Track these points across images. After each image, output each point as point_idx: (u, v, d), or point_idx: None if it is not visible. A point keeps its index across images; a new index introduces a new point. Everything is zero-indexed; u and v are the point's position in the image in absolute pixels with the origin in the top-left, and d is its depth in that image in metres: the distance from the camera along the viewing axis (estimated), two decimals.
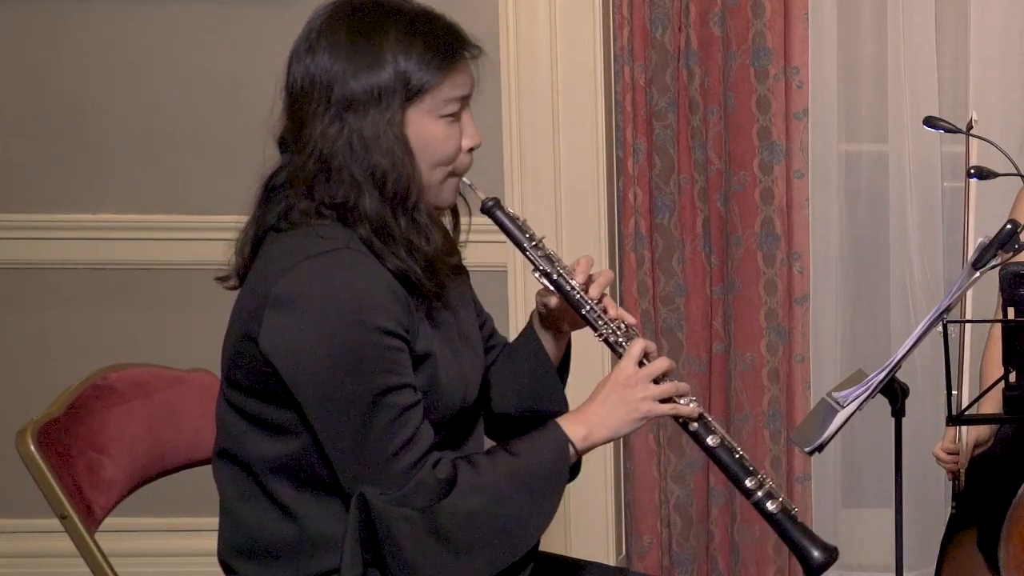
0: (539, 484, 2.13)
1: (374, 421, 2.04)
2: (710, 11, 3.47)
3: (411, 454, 2.05)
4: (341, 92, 2.05)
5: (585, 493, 3.52)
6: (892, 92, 3.51)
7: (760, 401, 3.59)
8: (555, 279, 2.22)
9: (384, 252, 2.06)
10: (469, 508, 2.07)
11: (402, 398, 2.05)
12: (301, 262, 2.03)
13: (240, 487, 2.17)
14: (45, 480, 2.23)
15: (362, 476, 2.05)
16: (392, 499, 2.05)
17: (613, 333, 2.22)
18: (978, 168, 2.76)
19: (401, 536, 2.05)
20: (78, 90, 3.52)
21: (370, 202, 2.06)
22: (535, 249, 2.22)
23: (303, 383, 2.04)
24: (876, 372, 2.37)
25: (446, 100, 2.09)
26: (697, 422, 2.21)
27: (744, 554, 3.63)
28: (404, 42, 2.06)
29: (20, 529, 3.62)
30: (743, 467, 2.20)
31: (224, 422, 2.18)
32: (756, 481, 2.19)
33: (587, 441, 2.17)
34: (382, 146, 2.05)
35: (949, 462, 2.81)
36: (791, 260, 3.55)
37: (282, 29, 3.43)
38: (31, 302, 3.60)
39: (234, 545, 2.21)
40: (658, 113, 3.52)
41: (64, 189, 3.55)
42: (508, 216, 2.23)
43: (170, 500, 3.14)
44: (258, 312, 2.05)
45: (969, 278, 2.28)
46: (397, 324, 2.05)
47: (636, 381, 2.18)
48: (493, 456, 2.14)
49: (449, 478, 2.07)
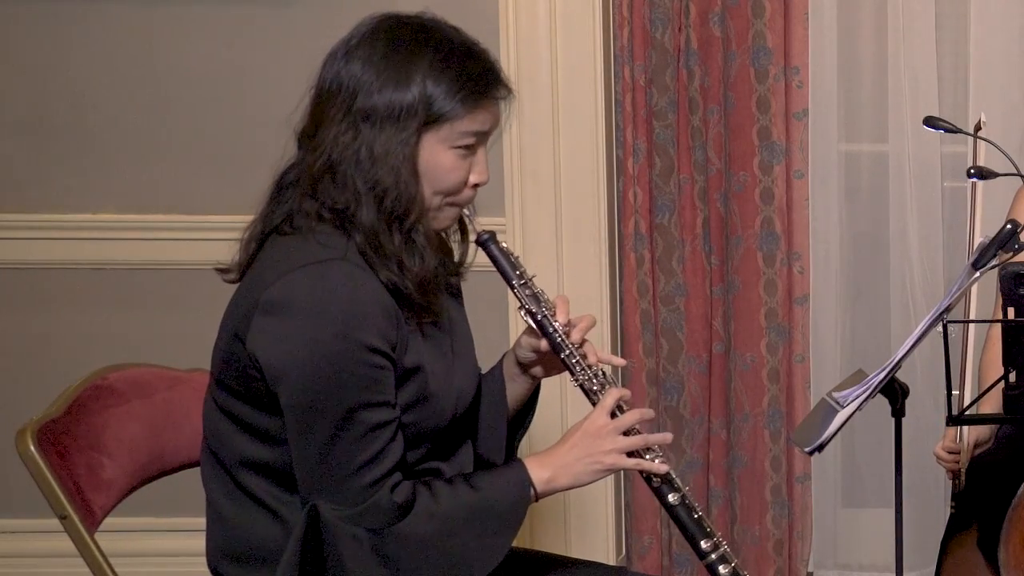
0: (494, 521, 2.14)
1: (342, 435, 2.04)
2: (710, 11, 3.47)
3: (371, 473, 2.06)
4: (363, 102, 2.06)
5: (585, 493, 3.50)
6: (892, 92, 3.51)
7: (760, 401, 3.59)
8: (539, 319, 2.22)
9: (377, 264, 2.07)
10: (420, 535, 2.08)
11: (374, 416, 2.06)
12: (295, 269, 2.04)
13: (226, 489, 2.18)
14: (45, 480, 2.23)
15: (320, 488, 2.06)
16: (344, 515, 2.06)
17: (589, 380, 2.23)
18: (978, 168, 2.75)
19: (346, 554, 2.06)
20: (78, 90, 3.52)
21: (366, 214, 2.07)
22: (523, 287, 2.23)
23: (282, 388, 2.05)
24: (876, 372, 2.37)
25: (463, 133, 2.10)
26: (661, 479, 2.22)
27: (744, 554, 3.63)
28: (437, 68, 2.07)
29: (20, 529, 3.62)
30: (700, 528, 2.22)
31: (211, 422, 2.18)
32: (711, 543, 2.22)
33: (549, 485, 2.18)
34: (389, 163, 2.06)
35: (950, 461, 2.81)
36: (791, 260, 3.55)
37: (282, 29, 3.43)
38: (31, 302, 3.60)
39: (222, 549, 2.21)
40: (658, 113, 3.52)
41: (64, 189, 3.55)
42: (501, 251, 2.24)
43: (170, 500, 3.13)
44: (248, 314, 2.06)
45: (969, 278, 2.28)
46: (383, 341, 2.05)
47: (605, 432, 2.19)
48: (454, 487, 2.14)
49: (405, 503, 2.08)
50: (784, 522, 3.62)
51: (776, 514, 3.62)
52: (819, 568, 3.68)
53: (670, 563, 3.67)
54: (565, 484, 2.19)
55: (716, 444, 3.63)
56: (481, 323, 2.48)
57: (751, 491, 3.62)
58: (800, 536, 3.63)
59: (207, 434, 2.20)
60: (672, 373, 3.62)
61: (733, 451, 3.61)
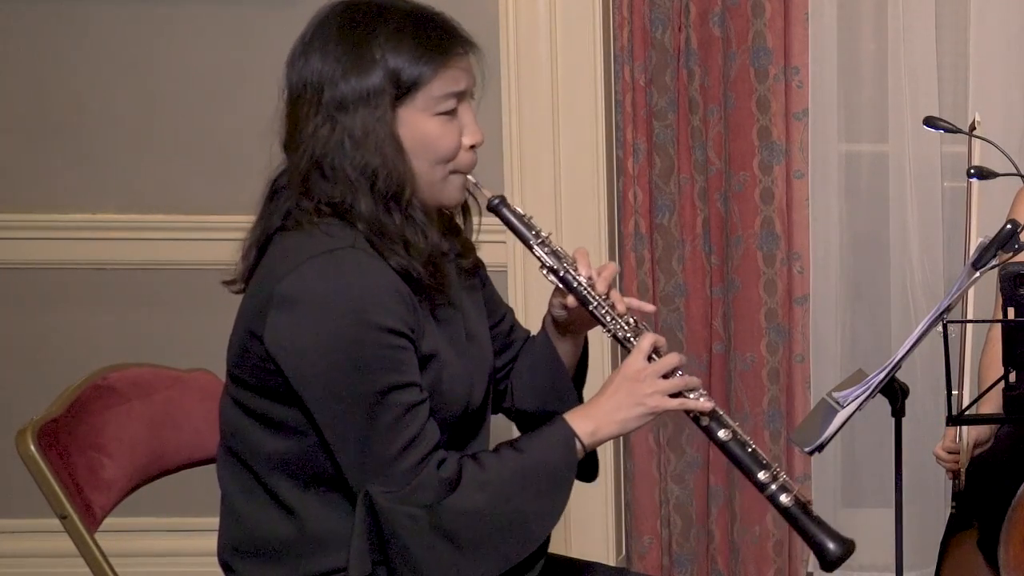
0: (546, 481, 2.12)
1: (378, 420, 2.04)
2: (710, 11, 3.47)
3: (416, 452, 2.06)
4: (331, 93, 2.07)
5: (585, 493, 3.50)
6: (892, 92, 3.51)
7: (760, 401, 3.59)
8: (562, 276, 2.21)
9: (385, 250, 2.07)
10: (474, 505, 2.07)
11: (406, 396, 2.05)
12: (305, 261, 2.03)
13: (242, 484, 2.17)
14: (45, 480, 2.23)
15: (367, 474, 2.05)
16: (396, 497, 2.05)
17: (622, 328, 2.21)
18: (978, 168, 2.75)
19: (406, 534, 2.05)
20: (78, 90, 3.52)
21: (364, 201, 2.07)
22: (542, 246, 2.22)
23: (307, 382, 2.04)
24: (876, 372, 2.37)
25: (440, 97, 2.09)
26: (708, 416, 2.20)
27: (744, 554, 3.63)
28: (394, 39, 2.07)
29: (20, 529, 3.62)
30: (756, 460, 2.21)
31: (228, 418, 2.18)
32: (769, 475, 2.21)
33: (594, 436, 2.17)
34: (372, 144, 2.06)
35: (950, 461, 2.81)
36: (791, 260, 3.55)
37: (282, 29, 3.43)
38: (31, 302, 3.60)
39: (234, 544, 2.21)
40: (658, 113, 3.52)
41: (64, 189, 3.55)
42: (515, 213, 2.23)
43: (170, 500, 3.14)
44: (263, 310, 2.05)
45: (969, 278, 2.28)
46: (401, 323, 2.05)
47: (644, 376, 2.17)
48: (499, 454, 2.14)
49: (454, 476, 2.07)
50: (784, 522, 3.61)
51: (776, 514, 3.60)
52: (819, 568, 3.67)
53: (670, 563, 3.67)
54: (612, 432, 2.17)
55: None
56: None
57: (751, 491, 3.60)
58: None
59: (224, 431, 2.20)
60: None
61: None
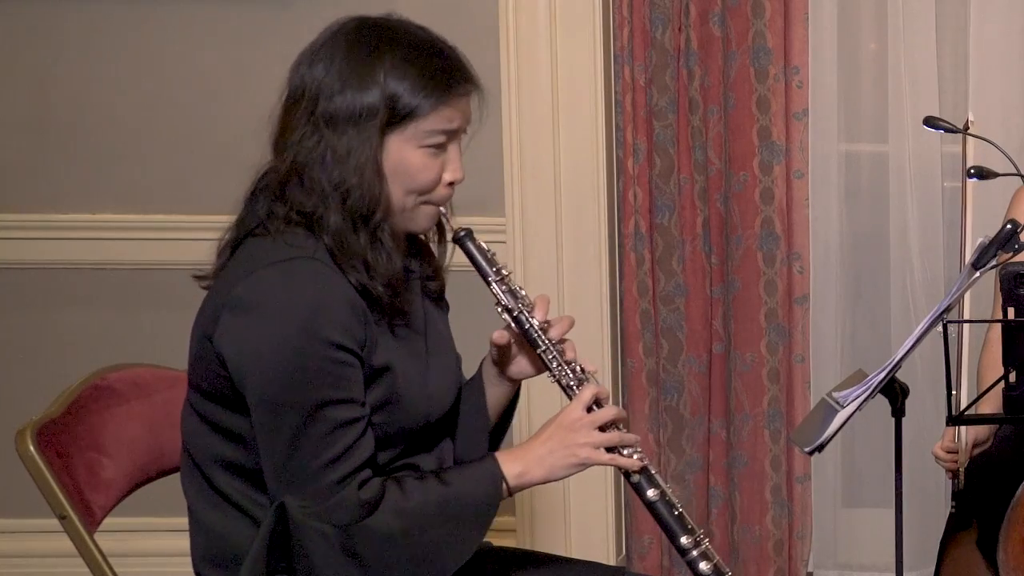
0: (465, 516, 2.12)
1: (308, 432, 2.04)
2: (710, 11, 3.47)
3: (339, 470, 2.05)
4: (325, 106, 2.07)
5: (585, 493, 3.52)
6: (892, 92, 3.51)
7: (760, 401, 3.59)
8: (516, 315, 2.20)
9: (345, 265, 2.07)
10: (389, 531, 2.06)
11: (341, 412, 2.05)
12: (262, 268, 2.05)
13: (202, 492, 2.18)
14: (44, 480, 2.24)
15: (287, 484, 2.06)
16: (312, 512, 2.05)
17: (567, 376, 2.20)
18: (978, 168, 2.75)
19: (316, 551, 2.05)
20: (78, 90, 3.52)
21: (334, 215, 2.07)
22: (500, 284, 2.20)
23: (248, 385, 2.05)
24: (876, 372, 2.37)
25: (431, 131, 2.09)
26: (639, 474, 2.19)
27: (744, 554, 3.63)
28: (400, 66, 2.07)
29: (20, 529, 3.62)
30: (682, 524, 2.20)
31: (186, 424, 2.19)
32: (692, 540, 2.20)
33: (521, 479, 2.16)
34: (352, 163, 2.06)
35: (949, 461, 2.81)
36: (791, 260, 3.55)
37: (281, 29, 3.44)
38: (31, 302, 3.60)
39: (203, 553, 2.22)
40: (658, 113, 3.52)
41: (64, 189, 3.55)
42: (478, 248, 2.21)
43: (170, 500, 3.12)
44: (216, 313, 2.07)
45: (969, 278, 2.28)
46: (349, 338, 2.05)
47: (580, 426, 2.16)
48: (424, 482, 2.13)
49: (374, 499, 2.06)
50: (784, 522, 3.62)
51: (776, 514, 3.62)
52: (819, 568, 3.68)
53: (670, 563, 3.67)
54: (538, 477, 2.16)
55: (716, 444, 3.63)
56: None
57: (751, 491, 3.62)
58: (800, 536, 3.63)
59: (183, 436, 2.20)
60: (672, 373, 3.62)
61: (733, 451, 3.61)
